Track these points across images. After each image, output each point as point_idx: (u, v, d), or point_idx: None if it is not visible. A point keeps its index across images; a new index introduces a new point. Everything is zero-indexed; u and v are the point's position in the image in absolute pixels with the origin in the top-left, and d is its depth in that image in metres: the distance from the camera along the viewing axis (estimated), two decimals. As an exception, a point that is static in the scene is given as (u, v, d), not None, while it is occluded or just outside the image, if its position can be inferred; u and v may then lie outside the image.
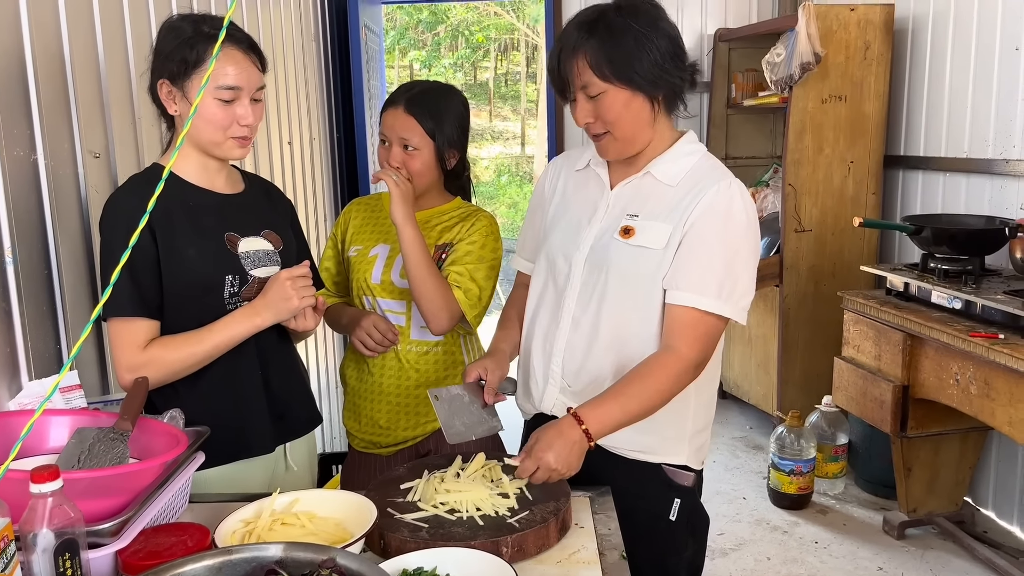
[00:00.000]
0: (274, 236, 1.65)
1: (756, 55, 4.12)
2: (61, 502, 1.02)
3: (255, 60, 1.54)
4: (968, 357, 2.56)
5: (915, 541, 3.13)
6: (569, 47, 1.44)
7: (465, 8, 12.86)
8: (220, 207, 1.59)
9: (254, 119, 1.53)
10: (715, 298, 1.44)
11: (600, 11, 1.45)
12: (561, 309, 1.59)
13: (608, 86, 1.43)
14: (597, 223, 1.57)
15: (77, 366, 1.58)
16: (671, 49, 1.45)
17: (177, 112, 1.53)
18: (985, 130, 3.22)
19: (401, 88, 1.92)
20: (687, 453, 1.59)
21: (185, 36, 1.48)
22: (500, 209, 13.07)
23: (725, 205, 1.46)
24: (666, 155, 1.54)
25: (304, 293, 1.53)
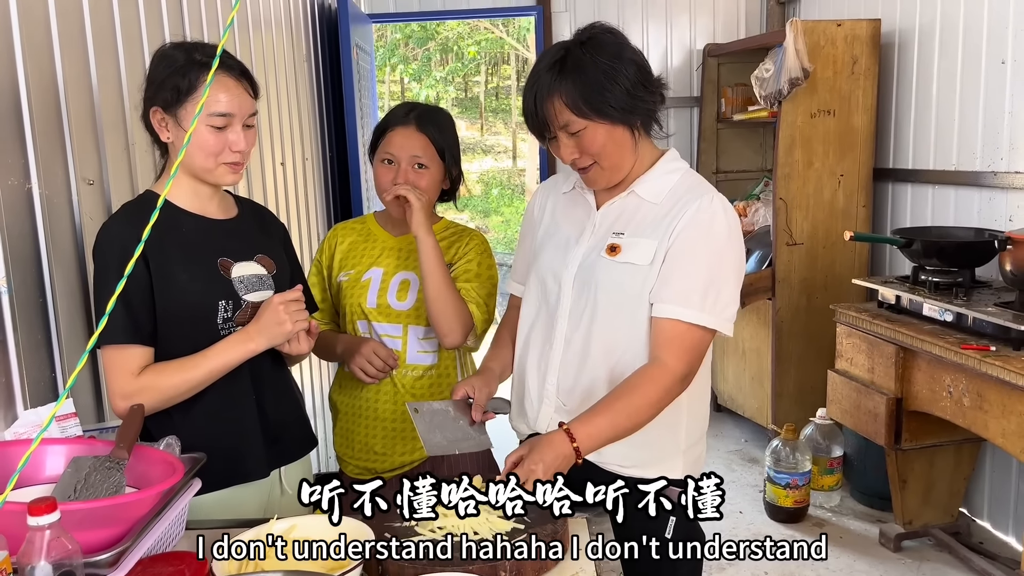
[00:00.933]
0: (267, 260, 1.66)
1: (745, 70, 4.15)
2: (59, 534, 1.02)
3: (247, 87, 1.55)
4: (960, 369, 2.57)
5: (911, 553, 3.13)
6: (544, 90, 1.47)
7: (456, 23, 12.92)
8: (213, 232, 1.60)
9: (246, 145, 1.55)
10: (699, 310, 1.47)
11: (565, 49, 1.49)
12: (554, 329, 1.61)
13: (588, 122, 1.47)
14: (584, 243, 1.60)
15: (72, 394, 1.58)
16: (639, 76, 1.48)
17: (170, 139, 1.54)
18: (973, 142, 3.25)
19: (401, 108, 1.93)
20: (683, 466, 1.60)
21: (177, 64, 1.50)
22: (493, 223, 13.09)
23: (707, 219, 1.49)
24: (649, 174, 1.57)
25: (297, 317, 1.54)
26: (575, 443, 1.40)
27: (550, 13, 4.73)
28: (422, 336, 1.94)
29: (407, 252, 1.95)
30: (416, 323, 1.93)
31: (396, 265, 1.95)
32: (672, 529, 1.58)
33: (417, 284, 1.91)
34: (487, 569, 1.23)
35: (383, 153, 1.90)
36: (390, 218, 1.98)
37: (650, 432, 1.53)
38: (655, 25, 4.79)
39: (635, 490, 1.56)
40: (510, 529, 1.34)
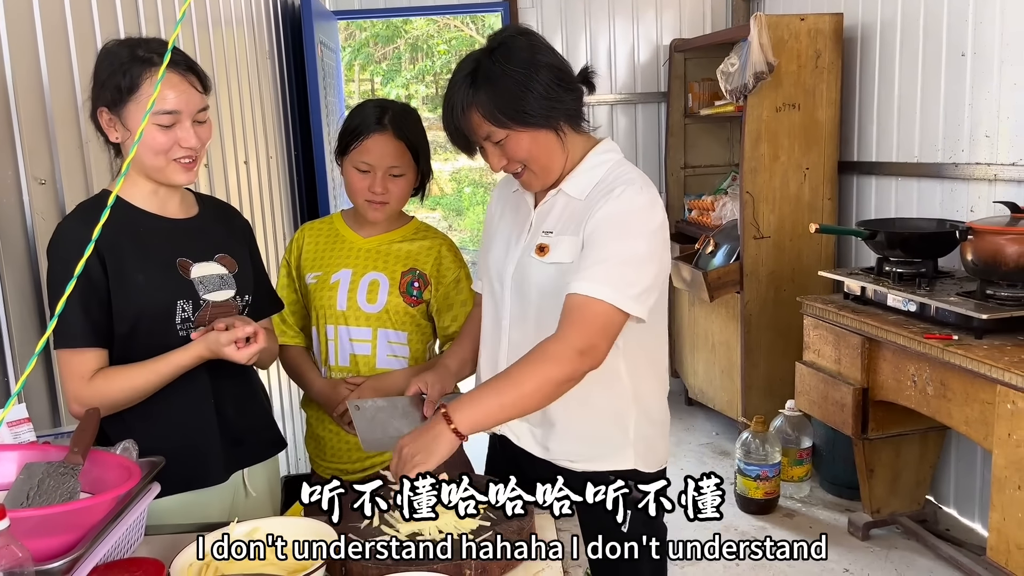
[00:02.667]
0: (228, 260, 1.63)
1: (712, 65, 4.17)
2: (8, 542, 0.99)
3: (194, 81, 1.51)
4: (924, 359, 2.60)
5: (880, 541, 3.17)
6: (459, 105, 1.47)
7: (425, 21, 12.86)
8: (171, 232, 1.57)
9: (197, 141, 1.51)
10: (603, 285, 1.41)
11: (476, 60, 1.47)
12: (500, 331, 1.63)
13: (508, 131, 1.46)
14: (521, 243, 1.60)
15: (26, 398, 1.55)
16: (554, 77, 1.47)
17: (119, 139, 1.51)
18: (934, 135, 3.29)
19: (372, 111, 1.86)
20: (633, 457, 1.59)
21: (120, 62, 1.47)
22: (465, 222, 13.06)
23: (621, 205, 1.47)
24: (576, 170, 1.57)
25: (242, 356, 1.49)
26: (452, 425, 1.38)
27: (516, 9, 4.72)
28: (392, 339, 1.92)
29: (375, 253, 1.93)
30: (385, 326, 1.91)
31: (365, 266, 1.92)
32: (628, 522, 1.58)
33: (387, 285, 1.90)
34: (452, 568, 1.21)
35: (358, 161, 1.84)
36: (357, 217, 1.96)
37: (593, 424, 1.55)
38: (621, 21, 4.80)
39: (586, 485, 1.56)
40: (475, 527, 1.33)
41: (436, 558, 1.24)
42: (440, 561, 1.23)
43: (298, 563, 1.23)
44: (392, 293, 1.89)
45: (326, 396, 1.91)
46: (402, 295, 1.90)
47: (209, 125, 1.56)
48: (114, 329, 1.50)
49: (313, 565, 1.18)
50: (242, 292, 1.64)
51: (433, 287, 1.93)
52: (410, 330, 1.93)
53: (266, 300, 1.77)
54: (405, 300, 1.90)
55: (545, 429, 1.58)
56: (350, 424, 1.88)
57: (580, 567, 1.30)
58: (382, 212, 1.89)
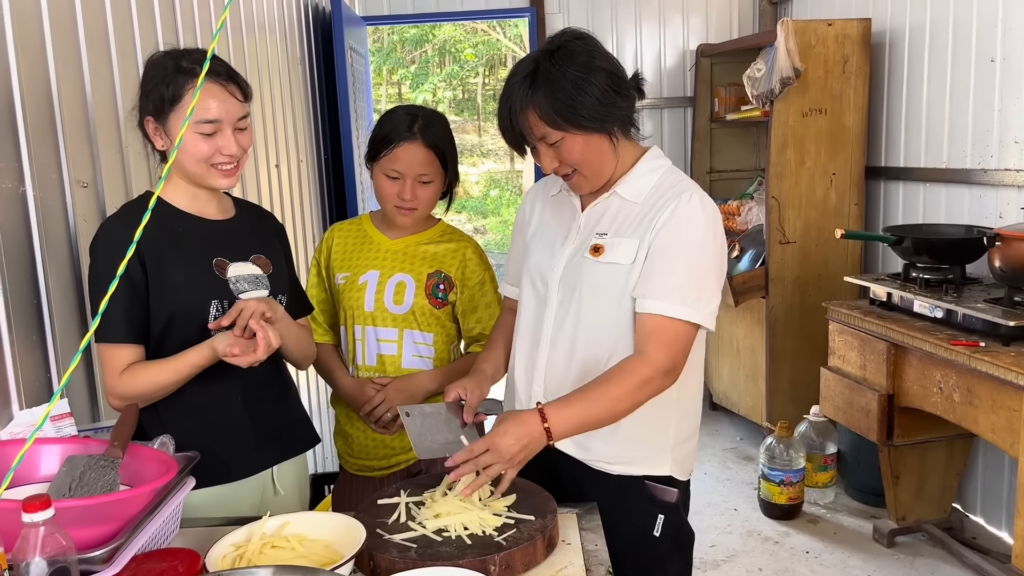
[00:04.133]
0: (263, 260, 1.68)
1: (738, 70, 4.17)
2: (53, 531, 1.03)
3: (234, 91, 1.56)
4: (950, 365, 2.59)
5: (905, 548, 3.15)
6: (517, 105, 1.49)
7: (452, 26, 12.93)
8: (209, 233, 1.62)
9: (237, 148, 1.56)
10: (681, 304, 1.47)
11: (535, 62, 1.49)
12: (540, 331, 1.63)
13: (564, 133, 1.48)
14: (570, 244, 1.62)
15: (67, 394, 1.60)
16: (610, 82, 1.49)
17: (164, 147, 1.57)
18: (963, 140, 3.27)
19: (403, 118, 1.89)
20: (670, 464, 1.61)
21: (164, 73, 1.52)
22: (490, 224, 13.11)
23: (687, 215, 1.50)
24: (630, 174, 1.59)
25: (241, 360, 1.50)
26: (546, 423, 1.41)
27: (543, 15, 4.75)
28: (417, 340, 1.95)
29: (402, 255, 1.97)
30: (411, 327, 1.94)
31: (392, 267, 1.96)
32: (660, 527, 1.60)
33: (413, 287, 1.93)
34: (477, 563, 1.24)
35: (388, 169, 1.88)
36: (386, 219, 2.00)
37: (638, 429, 1.55)
38: (648, 25, 4.82)
39: (623, 487, 1.59)
40: (500, 524, 1.35)
41: (461, 553, 1.27)
42: (465, 556, 1.26)
43: (327, 556, 1.26)
44: (418, 295, 1.93)
45: (352, 395, 1.95)
46: (428, 297, 1.94)
47: (249, 132, 1.61)
48: (150, 326, 1.55)
49: (342, 558, 1.21)
50: (276, 292, 1.68)
51: (458, 289, 1.97)
52: (435, 331, 1.96)
53: (296, 303, 1.81)
54: (431, 302, 1.94)
55: (588, 433, 1.55)
56: (376, 422, 1.92)
57: (602, 565, 1.32)
58: (410, 218, 1.93)
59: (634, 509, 1.60)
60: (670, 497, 1.61)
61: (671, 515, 1.61)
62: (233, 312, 1.52)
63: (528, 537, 1.31)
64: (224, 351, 1.48)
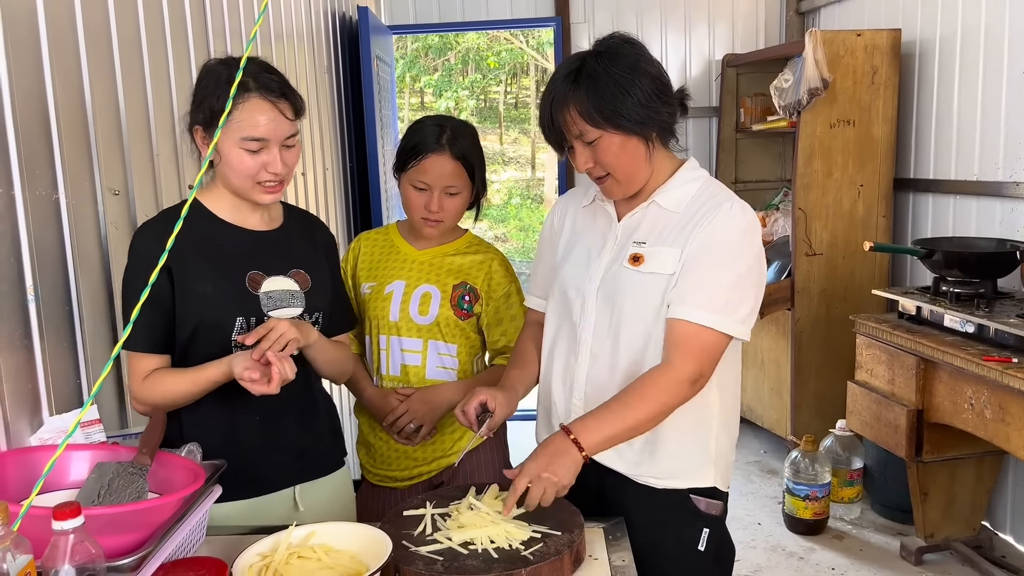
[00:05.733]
0: (302, 276, 1.63)
1: (764, 80, 4.15)
2: (82, 538, 1.04)
3: (285, 108, 1.52)
4: (982, 381, 2.55)
5: (933, 567, 3.10)
6: (559, 100, 1.48)
7: (476, 35, 12.99)
8: (249, 245, 1.60)
9: (283, 167, 1.53)
10: (711, 312, 1.44)
11: (581, 60, 1.49)
12: (578, 343, 1.60)
13: (602, 132, 1.47)
14: (607, 254, 1.59)
15: (96, 400, 1.61)
16: (655, 87, 1.48)
17: (212, 157, 1.53)
18: (995, 153, 3.23)
19: (432, 129, 1.88)
20: (714, 475, 1.59)
21: (216, 83, 1.49)
22: (512, 232, 13.12)
23: (727, 225, 1.48)
24: (669, 183, 1.57)
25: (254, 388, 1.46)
26: (583, 451, 1.40)
27: (568, 24, 4.75)
28: (442, 351, 1.95)
29: (428, 265, 1.97)
30: (436, 338, 1.94)
31: (418, 278, 1.95)
32: (705, 542, 1.58)
33: (438, 298, 1.93)
34: (503, 577, 1.23)
35: (416, 180, 1.88)
36: (412, 229, 2.00)
37: (682, 442, 1.54)
38: (674, 35, 4.80)
39: (668, 502, 1.56)
40: (527, 538, 1.34)
41: (488, 567, 1.26)
42: (492, 570, 1.25)
43: (353, 568, 1.26)
44: (443, 306, 1.93)
45: (377, 405, 1.95)
46: (453, 308, 1.93)
47: (297, 149, 1.57)
48: (177, 334, 1.55)
49: (368, 569, 1.21)
50: (312, 310, 1.63)
51: (484, 301, 1.96)
52: (460, 343, 1.96)
53: (340, 316, 1.77)
54: (456, 313, 1.93)
55: (634, 448, 1.56)
56: (399, 433, 1.92)
57: (629, 581, 1.31)
58: (436, 229, 1.93)
59: (679, 525, 1.58)
60: (714, 510, 1.59)
61: (715, 528, 1.60)
62: (260, 331, 1.48)
63: (555, 552, 1.30)
64: (240, 374, 1.44)
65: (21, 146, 1.48)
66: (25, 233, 1.49)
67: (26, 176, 1.49)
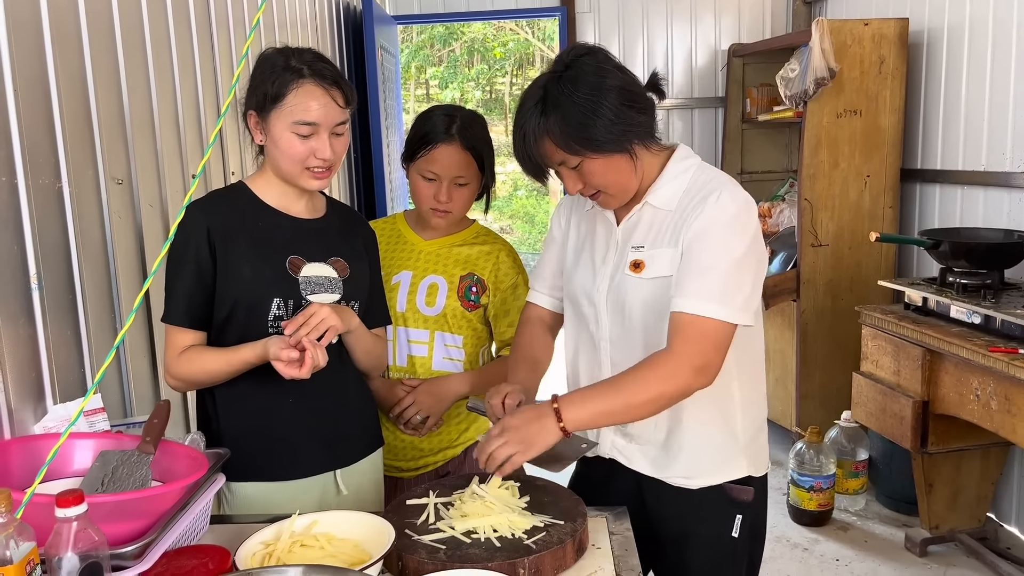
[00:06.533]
0: (341, 264, 1.65)
1: (770, 70, 4.13)
2: (85, 526, 1.04)
3: (336, 96, 1.54)
4: (988, 372, 2.54)
5: (938, 558, 3.10)
6: (531, 134, 1.44)
7: (482, 25, 12.95)
8: (291, 230, 1.61)
9: (332, 154, 1.54)
10: (709, 301, 1.41)
11: (544, 87, 1.44)
12: (599, 352, 1.60)
13: (582, 157, 1.44)
14: (610, 261, 1.57)
15: (100, 389, 1.61)
16: (622, 100, 1.42)
17: (262, 142, 1.57)
18: (1003, 143, 3.21)
19: (441, 119, 1.86)
20: (746, 464, 1.59)
21: (272, 68, 1.52)
22: (517, 224, 13.11)
23: (717, 214, 1.45)
24: (659, 181, 1.54)
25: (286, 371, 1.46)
26: (562, 423, 1.38)
27: (574, 14, 4.73)
28: (448, 343, 1.94)
29: (435, 256, 1.96)
30: (443, 329, 1.93)
31: (425, 269, 1.95)
32: (739, 528, 1.58)
33: (445, 289, 1.93)
34: (506, 566, 1.23)
35: (425, 170, 1.86)
36: (420, 220, 1.98)
37: (709, 438, 1.54)
38: (679, 25, 4.78)
39: (702, 497, 1.57)
40: (530, 526, 1.34)
41: (491, 556, 1.26)
42: (495, 558, 1.25)
43: (355, 556, 1.26)
44: (450, 297, 1.92)
45: (383, 396, 1.94)
46: (460, 299, 1.93)
47: (346, 138, 1.59)
48: (215, 313, 1.57)
49: (371, 558, 1.21)
50: (349, 298, 1.64)
51: (491, 292, 1.96)
52: (466, 334, 1.95)
53: (378, 309, 1.78)
54: (463, 304, 1.93)
55: (659, 449, 1.56)
56: (405, 424, 1.92)
57: (632, 571, 1.31)
58: (445, 220, 1.91)
59: (713, 516, 1.58)
60: (747, 496, 1.58)
61: (748, 514, 1.60)
62: (302, 317, 1.49)
63: (558, 541, 1.30)
64: (276, 354, 1.45)
65: (24, 135, 1.48)
66: (28, 222, 1.49)
67: (29, 165, 1.49)
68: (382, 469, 1.83)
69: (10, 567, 0.98)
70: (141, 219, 1.93)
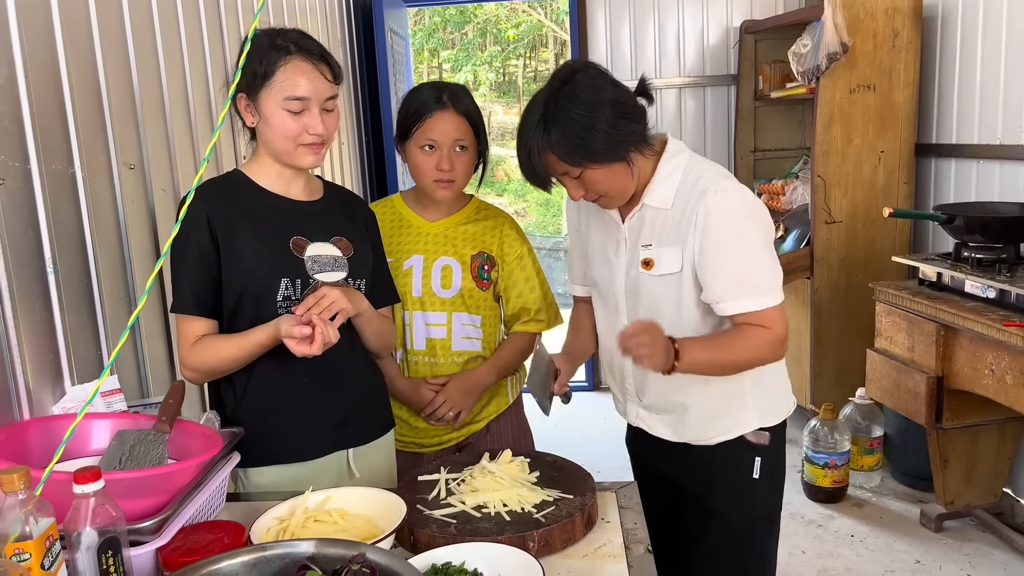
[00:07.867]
0: (344, 243, 1.66)
1: (783, 46, 4.08)
2: (103, 502, 1.07)
3: (325, 71, 1.56)
4: (1003, 347, 2.53)
5: (953, 533, 3.09)
6: (536, 149, 1.55)
7: (495, 6, 12.87)
8: (291, 212, 1.62)
9: (323, 128, 1.56)
10: (759, 295, 1.57)
11: (543, 106, 1.54)
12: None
13: (583, 168, 1.54)
14: (623, 256, 1.70)
15: (117, 370, 1.64)
16: (616, 112, 1.53)
17: (254, 124, 1.57)
18: (1018, 116, 3.17)
19: (429, 92, 1.88)
20: (757, 417, 1.71)
21: (257, 49, 1.52)
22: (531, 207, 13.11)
23: (718, 214, 1.56)
24: (653, 181, 1.64)
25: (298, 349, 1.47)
26: (676, 358, 1.51)
27: (585, -7, 4.69)
28: (466, 322, 1.95)
29: (443, 237, 1.96)
30: (459, 310, 1.94)
31: (435, 251, 1.94)
32: (759, 469, 1.72)
33: (459, 270, 1.93)
34: (516, 540, 1.25)
35: (423, 140, 1.86)
36: (420, 199, 1.98)
37: (717, 401, 1.69)
38: (691, 3, 4.73)
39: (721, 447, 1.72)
40: (539, 501, 1.36)
41: (501, 529, 1.28)
42: (504, 532, 1.27)
43: (367, 530, 1.28)
44: (465, 277, 1.93)
45: (409, 397, 1.94)
46: (474, 279, 1.94)
47: (337, 114, 1.60)
48: (224, 301, 1.57)
49: (383, 532, 1.23)
50: (354, 276, 1.66)
51: (499, 266, 1.97)
52: (484, 313, 1.96)
53: (384, 288, 1.78)
54: (477, 284, 1.94)
55: (676, 415, 1.72)
56: (438, 421, 1.93)
57: (641, 544, 1.32)
58: (449, 190, 1.90)
59: (733, 460, 1.72)
60: (763, 440, 1.72)
61: (767, 456, 1.73)
62: (314, 296, 1.49)
63: (567, 514, 1.31)
64: (286, 331, 1.46)
65: (36, 121, 1.50)
66: (42, 207, 1.52)
67: (42, 150, 1.51)
68: (394, 450, 1.84)
69: (30, 542, 1.01)
70: (154, 203, 1.95)
